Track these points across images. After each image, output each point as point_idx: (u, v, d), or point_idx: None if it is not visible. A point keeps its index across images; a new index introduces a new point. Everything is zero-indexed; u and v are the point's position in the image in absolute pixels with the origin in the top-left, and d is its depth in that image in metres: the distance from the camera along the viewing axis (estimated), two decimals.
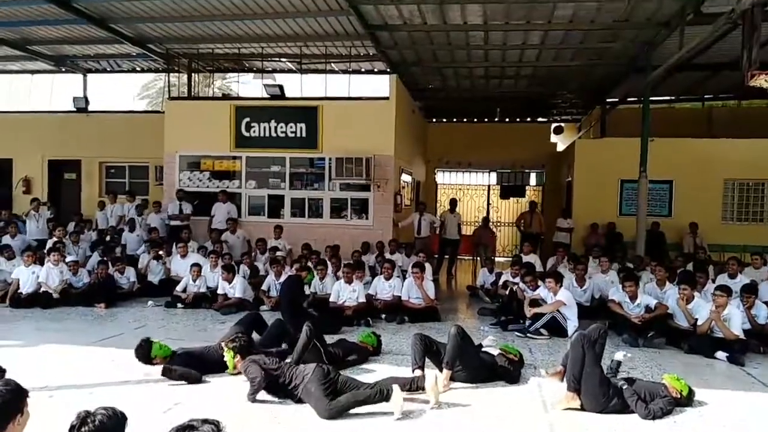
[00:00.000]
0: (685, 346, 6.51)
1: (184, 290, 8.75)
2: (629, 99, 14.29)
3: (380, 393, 4.31)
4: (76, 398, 4.53)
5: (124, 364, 5.55)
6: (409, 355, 5.39)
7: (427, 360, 5.24)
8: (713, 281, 7.79)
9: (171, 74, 14.31)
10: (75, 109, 14.82)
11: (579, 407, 4.53)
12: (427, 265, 9.04)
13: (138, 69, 15.60)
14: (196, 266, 8.87)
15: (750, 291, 7.01)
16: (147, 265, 9.80)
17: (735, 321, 6.35)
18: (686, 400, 4.70)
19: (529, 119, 18.12)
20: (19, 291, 8.52)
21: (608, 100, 14.93)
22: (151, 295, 9.08)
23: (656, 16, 9.04)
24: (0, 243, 10.16)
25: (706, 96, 15.55)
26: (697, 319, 6.67)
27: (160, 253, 9.93)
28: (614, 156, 12.64)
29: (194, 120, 12.12)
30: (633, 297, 7.19)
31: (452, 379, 5.10)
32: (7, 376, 2.63)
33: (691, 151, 12.71)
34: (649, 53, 10.35)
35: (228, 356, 5.07)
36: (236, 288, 8.31)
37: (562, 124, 17.63)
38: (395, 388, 4.28)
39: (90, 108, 14.85)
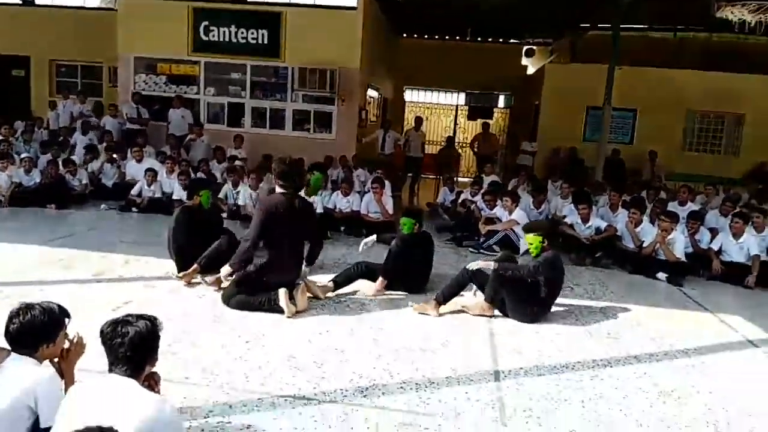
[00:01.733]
0: (629, 266, 6.79)
1: (139, 194, 8.59)
2: (600, 26, 14.04)
3: (269, 301, 4.56)
4: (25, 295, 4.47)
5: (77, 264, 5.50)
6: None
7: None
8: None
9: None
10: (20, 1, 13.79)
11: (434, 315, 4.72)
12: (387, 182, 9.02)
13: None
14: (151, 171, 8.67)
15: (695, 218, 7.32)
16: (100, 168, 9.52)
17: (678, 245, 6.63)
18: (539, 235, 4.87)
19: (501, 40, 17.70)
20: None
21: (581, 25, 14.63)
22: (105, 198, 8.89)
23: None
24: None
25: (678, 27, 15.40)
26: (643, 242, 6.94)
27: (114, 156, 9.63)
28: (582, 82, 12.55)
29: (150, 20, 11.36)
30: (585, 219, 7.39)
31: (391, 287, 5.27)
32: None
33: (656, 80, 12.72)
34: None
35: None
36: None
37: (534, 47, 17.30)
38: (280, 292, 4.52)
39: (37, 1, 13.85)
